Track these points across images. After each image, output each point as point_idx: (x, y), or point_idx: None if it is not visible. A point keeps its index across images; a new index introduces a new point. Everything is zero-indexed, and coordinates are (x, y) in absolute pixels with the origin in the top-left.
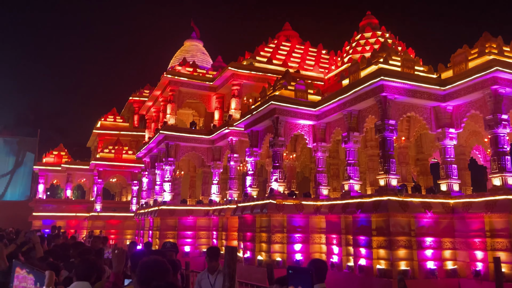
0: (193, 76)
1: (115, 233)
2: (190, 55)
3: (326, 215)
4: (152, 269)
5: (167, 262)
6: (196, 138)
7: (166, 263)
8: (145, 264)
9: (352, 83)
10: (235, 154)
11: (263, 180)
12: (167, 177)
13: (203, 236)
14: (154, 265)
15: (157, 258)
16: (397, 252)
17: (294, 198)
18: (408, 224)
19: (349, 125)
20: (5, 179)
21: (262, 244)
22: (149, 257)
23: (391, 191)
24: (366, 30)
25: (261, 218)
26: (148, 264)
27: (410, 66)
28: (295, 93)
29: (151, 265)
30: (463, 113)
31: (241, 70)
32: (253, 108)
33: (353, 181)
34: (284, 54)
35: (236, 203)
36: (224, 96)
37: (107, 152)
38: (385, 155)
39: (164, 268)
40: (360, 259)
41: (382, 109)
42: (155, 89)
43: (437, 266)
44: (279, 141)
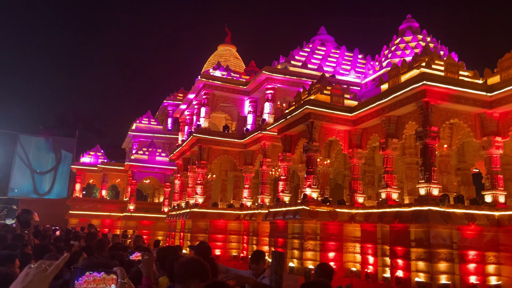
0: (227, 80)
1: (147, 233)
2: (224, 60)
3: (361, 224)
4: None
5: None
6: (228, 141)
7: (203, 261)
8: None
9: (392, 88)
10: (267, 158)
11: (295, 186)
12: (199, 180)
13: (234, 240)
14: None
15: (195, 257)
16: (437, 265)
17: (328, 205)
18: (450, 236)
19: (387, 131)
20: (48, 177)
21: (294, 251)
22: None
23: (432, 200)
24: (406, 33)
25: (293, 224)
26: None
27: (454, 70)
28: (331, 98)
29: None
30: (510, 120)
31: (275, 74)
32: (287, 112)
33: (390, 189)
34: (319, 58)
35: (268, 208)
36: (258, 100)
37: (141, 154)
38: (426, 163)
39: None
40: (397, 271)
41: (424, 115)
42: (189, 92)
43: (480, 281)
44: (313, 146)
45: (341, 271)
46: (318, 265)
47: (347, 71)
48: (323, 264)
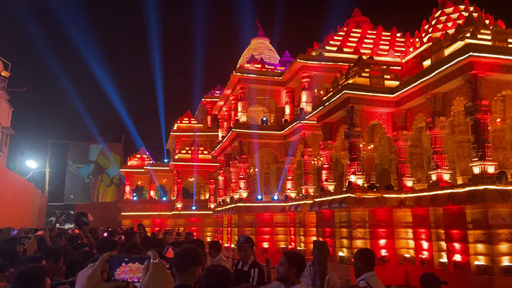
0: (262, 72)
1: (196, 230)
2: (258, 53)
3: (412, 208)
4: (187, 255)
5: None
6: (268, 134)
7: (198, 249)
8: (181, 251)
9: (435, 63)
10: (308, 148)
11: (339, 174)
12: (241, 174)
13: (281, 232)
14: (189, 251)
15: (191, 246)
16: (498, 247)
17: (374, 191)
18: (510, 215)
19: (433, 109)
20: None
21: (343, 240)
22: (185, 245)
23: (488, 179)
24: (447, 5)
25: (340, 213)
26: (184, 251)
27: (502, 39)
28: (370, 80)
29: (186, 252)
30: None
31: (310, 61)
32: (325, 99)
33: (441, 170)
34: (355, 41)
35: (313, 198)
36: (294, 90)
37: (184, 153)
38: (479, 140)
39: (200, 252)
40: (454, 255)
41: (473, 89)
42: (226, 88)
43: None
44: (355, 132)
45: (394, 258)
46: (359, 250)
47: (386, 51)
48: (364, 250)
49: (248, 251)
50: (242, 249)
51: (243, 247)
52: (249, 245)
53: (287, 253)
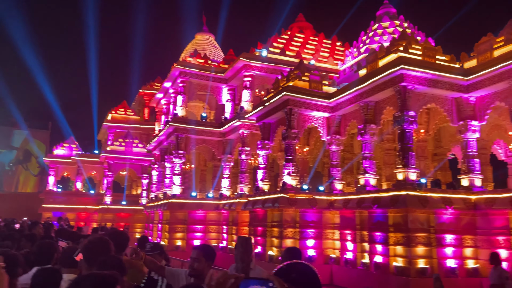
0: (204, 67)
1: (124, 226)
2: (202, 48)
3: (340, 210)
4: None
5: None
6: (206, 130)
7: (108, 241)
8: (90, 243)
9: (370, 73)
10: (246, 147)
11: (274, 175)
12: (177, 170)
13: (213, 230)
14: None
15: (102, 237)
16: (415, 249)
17: (307, 192)
18: (427, 220)
19: (365, 117)
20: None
21: (274, 239)
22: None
23: (410, 185)
24: (383, 19)
25: (272, 213)
26: (93, 243)
27: (431, 55)
28: (310, 84)
29: (96, 244)
30: (486, 104)
31: (253, 61)
32: (266, 100)
33: (369, 175)
34: (297, 45)
35: (247, 197)
36: (236, 88)
37: (117, 145)
38: (404, 148)
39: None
40: (375, 256)
41: (402, 100)
42: (165, 80)
43: (457, 265)
44: (292, 134)
45: (320, 258)
46: (286, 248)
47: (326, 58)
48: (291, 248)
49: (157, 258)
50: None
51: (151, 255)
52: (157, 252)
53: (202, 248)
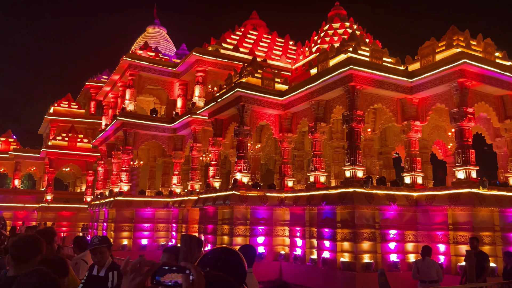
0: (155, 60)
1: (67, 225)
2: (153, 42)
3: (290, 207)
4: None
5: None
6: (156, 126)
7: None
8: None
9: (321, 72)
10: (198, 143)
11: (226, 172)
12: (124, 166)
13: (162, 228)
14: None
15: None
16: (361, 245)
17: (258, 189)
18: (372, 216)
19: (316, 115)
20: None
21: (224, 237)
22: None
23: (357, 182)
24: (334, 20)
25: (223, 210)
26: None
27: (378, 56)
28: (262, 81)
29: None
30: (428, 105)
31: (206, 56)
32: (218, 96)
33: (318, 173)
34: (251, 42)
35: (198, 195)
36: (188, 83)
37: (60, 140)
38: (352, 146)
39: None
40: (323, 252)
41: (350, 99)
42: (114, 73)
43: (399, 259)
44: (244, 130)
45: (270, 255)
46: (241, 247)
47: (279, 57)
48: (245, 246)
49: (105, 253)
50: (98, 251)
51: (99, 249)
52: (106, 246)
53: (169, 250)
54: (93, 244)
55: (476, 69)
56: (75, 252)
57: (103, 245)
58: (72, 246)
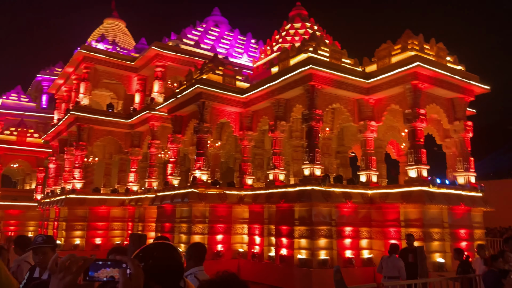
0: (112, 54)
1: (15, 224)
2: (111, 34)
3: (249, 205)
4: None
5: None
6: (113, 121)
7: None
8: None
9: (282, 71)
10: (156, 140)
11: (185, 169)
12: (77, 163)
13: (117, 227)
14: None
15: None
16: (318, 242)
17: (217, 187)
18: (329, 213)
19: (276, 113)
20: None
21: (182, 235)
22: None
23: (315, 180)
24: (295, 20)
25: (181, 208)
26: None
27: (337, 57)
28: (223, 79)
29: None
30: (384, 106)
31: (166, 51)
32: (178, 92)
33: (278, 171)
34: (212, 39)
35: (156, 193)
36: (147, 78)
37: (8, 134)
38: (311, 145)
39: None
40: (281, 249)
41: (310, 99)
42: (67, 65)
43: (354, 255)
44: (204, 127)
45: (229, 253)
46: (191, 245)
47: (240, 54)
48: (194, 244)
49: (47, 254)
50: (40, 251)
51: (41, 248)
52: (50, 246)
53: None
54: (35, 243)
55: (429, 72)
56: (16, 252)
57: (46, 245)
58: (13, 246)
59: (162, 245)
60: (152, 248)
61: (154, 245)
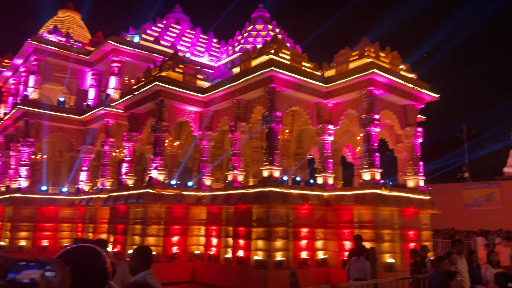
0: (65, 46)
1: None
2: (65, 27)
3: (207, 206)
4: None
5: None
6: (64, 117)
7: None
8: None
9: (243, 72)
10: (111, 138)
11: (142, 169)
12: (24, 160)
13: (66, 228)
14: None
15: None
16: (274, 243)
17: (174, 187)
18: (287, 215)
19: (237, 114)
20: None
21: (135, 237)
22: None
23: (273, 182)
24: (258, 22)
25: (136, 209)
26: None
27: (298, 61)
28: (183, 77)
29: None
30: (341, 111)
31: (123, 46)
32: (136, 88)
33: (237, 172)
34: (173, 36)
35: (108, 193)
36: (102, 74)
37: None
38: (270, 147)
39: None
40: (238, 251)
41: (271, 100)
42: (16, 56)
43: (309, 256)
44: (162, 126)
45: (184, 255)
46: (135, 248)
47: (202, 53)
48: (140, 248)
49: None
50: None
51: None
52: None
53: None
54: None
55: (384, 79)
56: None
57: None
58: None
59: (83, 249)
60: (71, 253)
61: (73, 249)
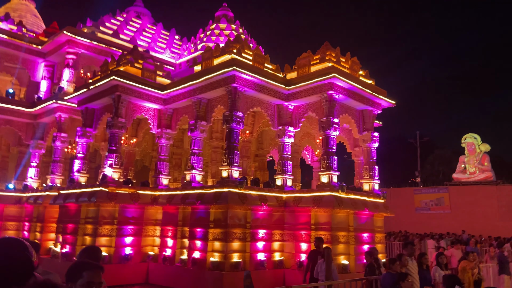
0: (16, 35)
1: None
2: (18, 15)
3: (164, 206)
4: None
5: None
6: (12, 110)
7: None
8: None
9: (204, 70)
10: (63, 133)
11: (96, 167)
12: None
13: (12, 227)
14: None
15: None
16: (231, 244)
17: (130, 186)
18: (245, 216)
19: (197, 113)
20: None
21: (86, 237)
22: None
23: (232, 183)
24: (221, 21)
25: (88, 208)
26: None
27: (260, 61)
28: (142, 72)
29: None
30: (301, 113)
31: (79, 37)
32: (91, 82)
33: (196, 172)
34: (133, 30)
35: (59, 190)
36: (56, 65)
37: None
38: (230, 147)
39: None
40: (194, 252)
41: (232, 100)
42: None
43: (266, 258)
44: (118, 123)
45: (138, 256)
46: (82, 249)
47: (163, 49)
48: (88, 248)
49: None
50: None
51: None
52: None
53: None
54: None
55: (344, 84)
56: None
57: None
58: None
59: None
60: None
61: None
